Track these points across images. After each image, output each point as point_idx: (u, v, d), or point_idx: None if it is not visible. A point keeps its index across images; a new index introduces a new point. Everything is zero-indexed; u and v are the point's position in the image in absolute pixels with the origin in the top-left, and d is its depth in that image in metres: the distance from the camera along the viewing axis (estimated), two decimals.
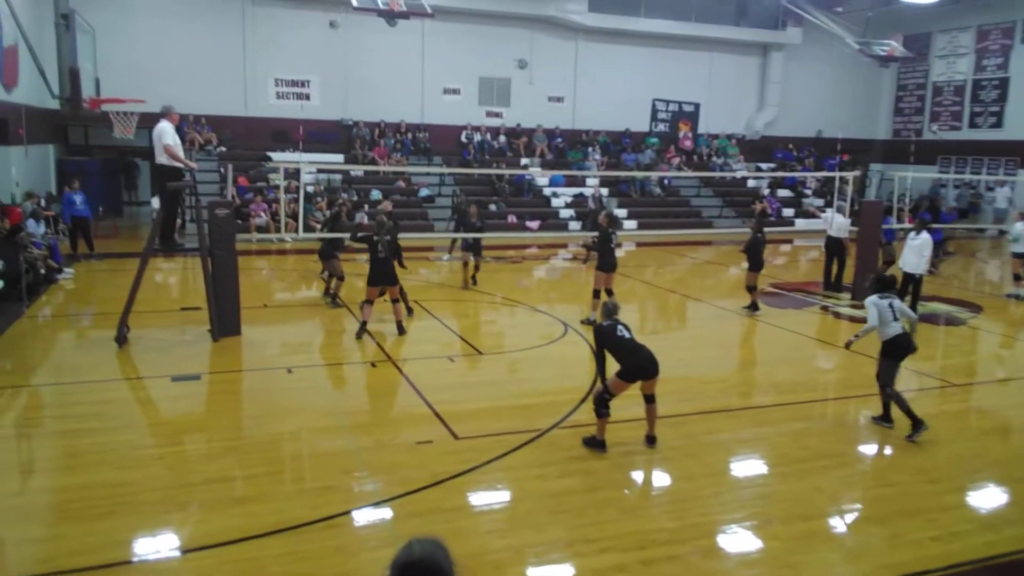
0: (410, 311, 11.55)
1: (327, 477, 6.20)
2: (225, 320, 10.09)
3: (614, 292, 11.22)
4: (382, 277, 10.51)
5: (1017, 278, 14.73)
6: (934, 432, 7.46)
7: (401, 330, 10.65)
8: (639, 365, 6.66)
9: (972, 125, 27.39)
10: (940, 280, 16.30)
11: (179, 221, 13.43)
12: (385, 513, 5.67)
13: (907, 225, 16.31)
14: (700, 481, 6.32)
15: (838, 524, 5.71)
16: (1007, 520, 5.76)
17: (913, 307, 12.72)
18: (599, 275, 11.50)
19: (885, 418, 7.55)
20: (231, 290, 10.19)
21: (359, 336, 10.40)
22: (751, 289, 12.54)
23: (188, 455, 6.69)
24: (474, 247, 14.24)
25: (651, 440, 6.94)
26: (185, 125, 20.53)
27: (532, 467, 6.44)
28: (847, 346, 7.83)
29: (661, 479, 6.45)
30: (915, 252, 12.20)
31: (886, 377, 7.38)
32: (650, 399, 6.87)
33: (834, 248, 14.30)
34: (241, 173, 20.66)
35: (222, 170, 20.60)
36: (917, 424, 7.17)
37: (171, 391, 8.22)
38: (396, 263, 10.78)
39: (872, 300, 7.42)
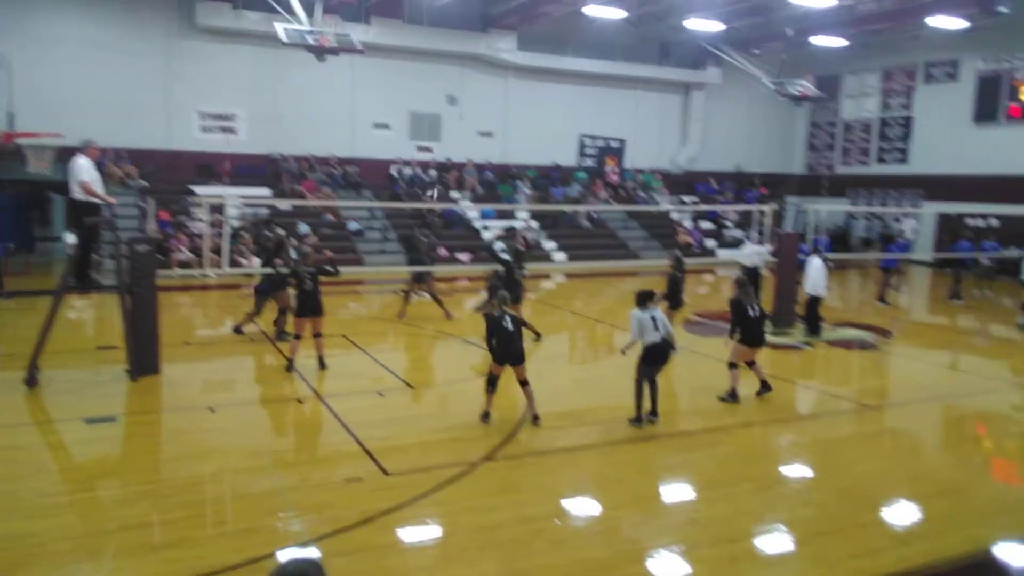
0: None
1: (251, 519, 6.02)
2: (144, 358, 9.74)
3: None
4: (310, 309, 10.37)
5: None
6: (850, 452, 7.76)
7: (322, 365, 10.45)
8: (506, 352, 8.13)
9: (880, 160, 28.88)
10: (852, 306, 17.00)
11: (95, 257, 12.95)
12: (312, 554, 5.54)
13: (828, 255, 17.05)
14: (629, 508, 6.40)
15: (763, 545, 5.85)
16: (918, 535, 6.00)
17: (814, 326, 13.27)
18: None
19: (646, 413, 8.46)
20: (150, 327, 9.86)
21: (289, 370, 10.19)
22: None
23: (102, 501, 6.40)
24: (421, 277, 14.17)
25: (535, 418, 8.26)
26: (105, 159, 19.93)
27: (464, 501, 6.40)
28: (623, 352, 8.71)
29: (591, 508, 6.49)
30: (812, 275, 13.14)
31: (640, 375, 8.38)
32: (524, 383, 8.30)
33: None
34: (163, 207, 20.12)
35: (143, 204, 20.05)
36: (639, 417, 8.31)
37: (85, 434, 7.86)
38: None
39: (634, 313, 8.36)
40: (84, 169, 9.63)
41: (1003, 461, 8.07)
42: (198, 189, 21.51)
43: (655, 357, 8.37)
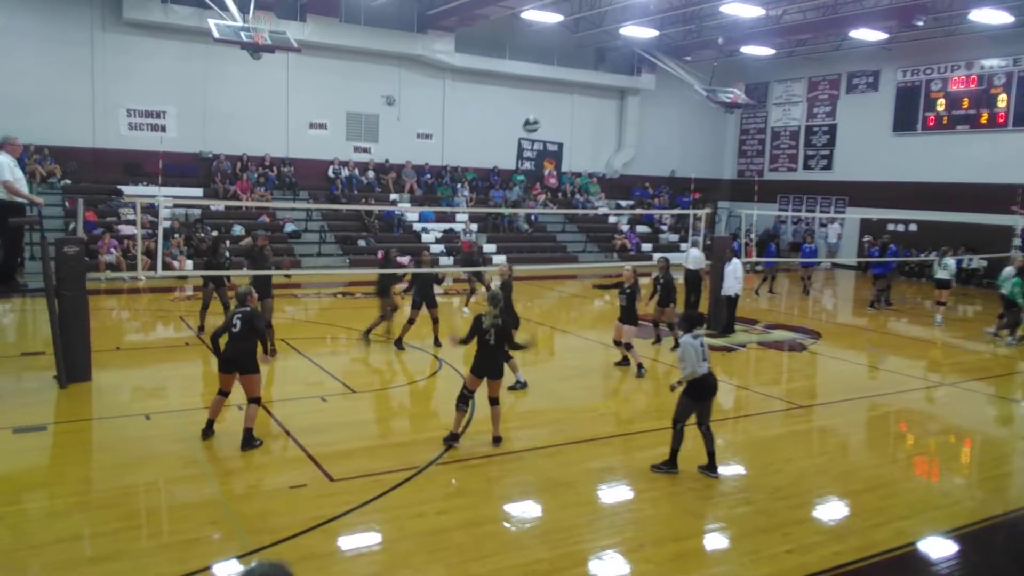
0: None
1: (192, 529, 5.88)
2: (73, 365, 9.39)
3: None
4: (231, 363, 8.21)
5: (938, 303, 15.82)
6: (784, 451, 8.04)
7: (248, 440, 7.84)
8: (486, 366, 7.59)
9: (806, 167, 29.95)
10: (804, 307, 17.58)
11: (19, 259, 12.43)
12: (274, 558, 5.43)
13: (753, 259, 17.62)
14: (575, 509, 6.48)
15: (705, 543, 6.02)
16: (851, 530, 6.27)
17: (730, 325, 13.85)
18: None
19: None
20: (80, 333, 9.50)
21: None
22: (628, 346, 12.60)
23: (31, 514, 6.15)
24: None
25: (496, 439, 7.74)
26: (26, 156, 19.09)
27: (410, 506, 6.38)
28: (672, 389, 7.49)
29: (538, 510, 6.56)
30: (729, 276, 13.75)
31: (679, 414, 7.28)
32: (494, 401, 7.75)
33: (693, 281, 15.13)
34: (89, 208, 19.38)
35: (68, 204, 19.29)
36: (672, 464, 7.23)
37: (12, 444, 7.53)
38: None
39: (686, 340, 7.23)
40: (6, 168, 9.17)
41: (926, 458, 8.49)
42: (126, 189, 20.83)
43: (704, 391, 7.19)
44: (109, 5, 21.14)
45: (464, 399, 7.69)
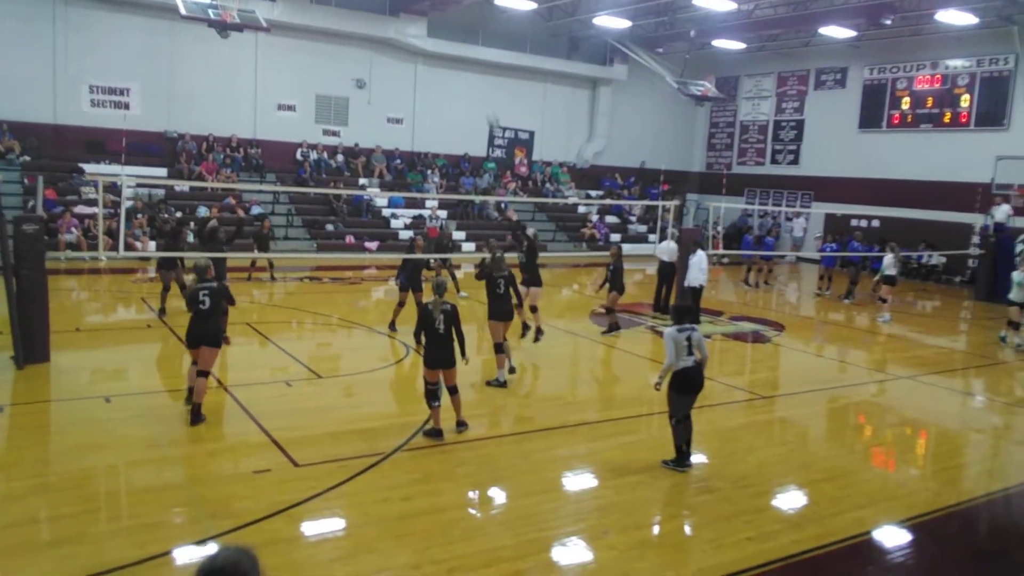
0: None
1: (153, 513, 5.81)
2: (32, 345, 9.18)
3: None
4: (198, 336, 7.99)
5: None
6: (746, 440, 8.18)
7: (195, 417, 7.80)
8: (438, 357, 7.52)
9: (774, 161, 30.29)
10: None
11: None
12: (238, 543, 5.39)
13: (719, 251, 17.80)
14: (540, 496, 6.53)
15: (667, 531, 6.11)
16: (810, 519, 6.40)
17: (695, 315, 13.97)
18: (492, 325, 9.81)
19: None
20: (39, 312, 9.30)
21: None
22: (610, 311, 13.09)
23: None
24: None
25: (461, 424, 7.79)
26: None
27: (376, 491, 6.37)
28: (656, 388, 7.26)
29: (503, 497, 6.59)
30: (694, 268, 13.97)
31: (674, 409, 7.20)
32: (452, 390, 7.73)
33: (666, 272, 15.17)
34: (49, 185, 18.90)
35: (27, 181, 18.80)
36: (682, 459, 7.15)
37: None
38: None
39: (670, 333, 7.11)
40: None
41: (882, 448, 8.69)
42: (88, 167, 20.35)
43: (687, 385, 7.10)
44: None
45: (433, 394, 7.54)
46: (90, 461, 6.72)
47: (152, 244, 18.70)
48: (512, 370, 10.04)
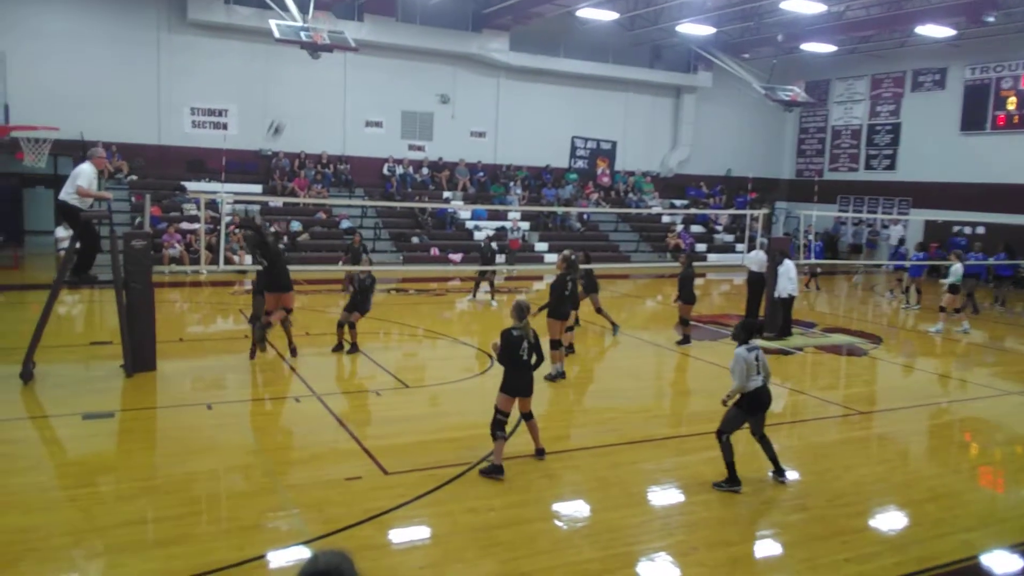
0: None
1: (251, 516, 6.03)
2: (140, 355, 9.72)
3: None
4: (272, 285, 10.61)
5: (955, 311, 15.12)
6: (842, 457, 7.87)
7: (294, 352, 10.96)
8: (519, 384, 7.10)
9: (868, 167, 29.18)
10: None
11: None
12: (334, 547, 5.55)
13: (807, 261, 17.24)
14: (627, 510, 6.45)
15: (759, 549, 5.94)
16: (913, 541, 6.10)
17: (786, 328, 13.57)
18: (552, 323, 10.26)
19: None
20: (147, 324, 9.84)
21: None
22: (685, 322, 12.90)
23: (101, 496, 6.39)
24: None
25: (540, 452, 7.38)
26: (110, 155, 19.83)
27: (463, 501, 6.43)
28: (723, 404, 7.09)
29: (589, 509, 6.54)
30: (783, 277, 13.47)
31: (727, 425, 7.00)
32: (528, 416, 7.32)
33: (755, 283, 14.71)
34: (154, 203, 20.01)
35: (134, 199, 19.96)
36: (733, 480, 6.91)
37: (82, 430, 7.85)
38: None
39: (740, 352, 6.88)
40: (85, 175, 9.46)
41: (990, 468, 8.20)
42: (190, 185, 21.45)
43: (756, 405, 6.94)
44: (174, 6, 21.82)
45: (500, 424, 6.97)
46: (193, 465, 7.04)
47: (249, 258, 19.52)
48: (563, 374, 10.23)
